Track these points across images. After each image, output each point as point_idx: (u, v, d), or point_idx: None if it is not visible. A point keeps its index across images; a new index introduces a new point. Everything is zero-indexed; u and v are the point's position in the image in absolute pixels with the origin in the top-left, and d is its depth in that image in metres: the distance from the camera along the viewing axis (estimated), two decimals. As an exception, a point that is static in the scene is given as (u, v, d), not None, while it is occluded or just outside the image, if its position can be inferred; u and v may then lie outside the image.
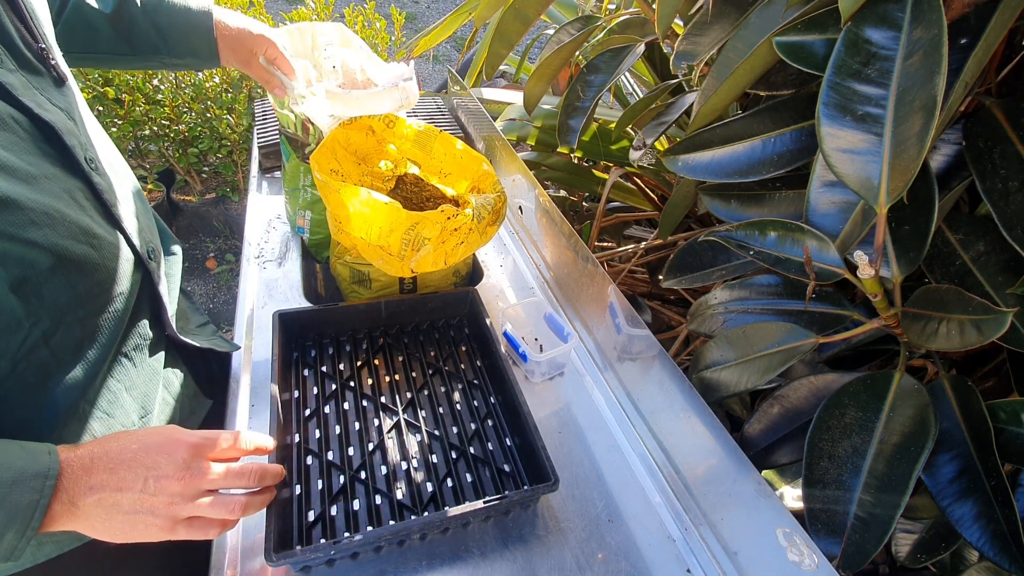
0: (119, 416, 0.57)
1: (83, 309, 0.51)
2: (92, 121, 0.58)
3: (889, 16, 0.53)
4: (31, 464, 0.42)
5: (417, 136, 0.85)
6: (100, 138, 0.58)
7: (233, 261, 2.35)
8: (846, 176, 0.53)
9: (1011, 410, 0.56)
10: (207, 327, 0.76)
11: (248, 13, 2.08)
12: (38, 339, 0.48)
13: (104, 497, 0.44)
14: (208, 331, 0.75)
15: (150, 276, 0.60)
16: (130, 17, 0.69)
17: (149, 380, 0.61)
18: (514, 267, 1.02)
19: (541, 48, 1.56)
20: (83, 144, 0.52)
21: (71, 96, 0.54)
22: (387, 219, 0.69)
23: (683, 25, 0.97)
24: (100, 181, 0.53)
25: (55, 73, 0.51)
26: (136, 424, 0.59)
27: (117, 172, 0.58)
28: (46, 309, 0.48)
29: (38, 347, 0.48)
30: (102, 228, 0.52)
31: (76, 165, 0.51)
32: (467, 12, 1.32)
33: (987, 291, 0.58)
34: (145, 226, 0.61)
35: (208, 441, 0.49)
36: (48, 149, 0.49)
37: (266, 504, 0.52)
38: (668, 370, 0.69)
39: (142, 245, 0.59)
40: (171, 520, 0.46)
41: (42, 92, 0.49)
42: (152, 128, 2.09)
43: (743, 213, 0.77)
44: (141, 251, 0.58)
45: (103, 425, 0.55)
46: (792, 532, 0.55)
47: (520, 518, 0.64)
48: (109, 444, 0.46)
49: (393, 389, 0.76)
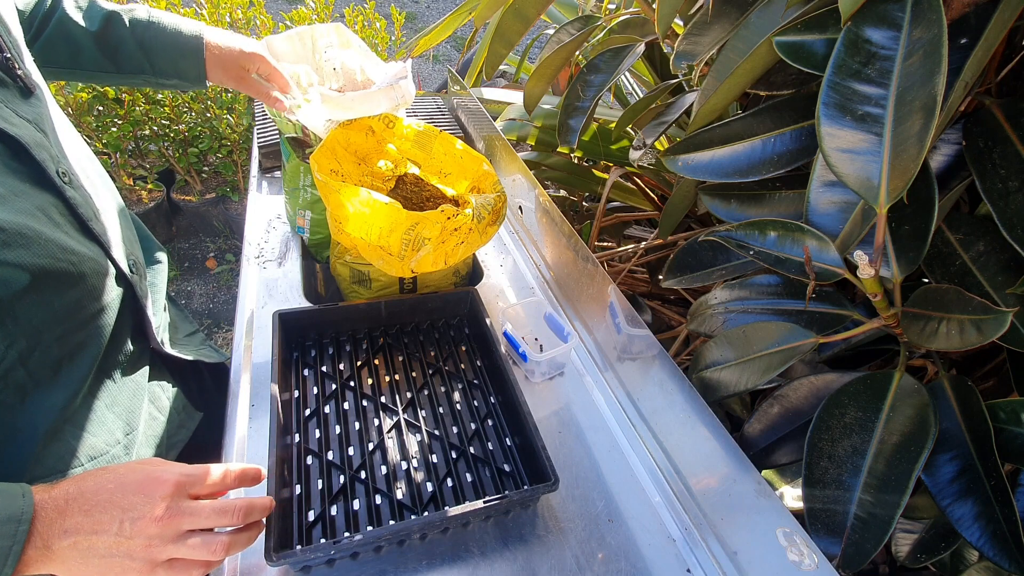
0: (101, 435, 0.55)
1: (61, 327, 0.50)
2: (67, 131, 0.56)
3: (889, 16, 0.53)
4: (4, 508, 0.40)
5: (417, 136, 0.86)
6: (75, 148, 0.57)
7: (233, 261, 2.35)
8: (846, 176, 0.53)
9: (1011, 410, 0.56)
10: (196, 336, 0.75)
11: (248, 13, 2.08)
12: (15, 360, 0.47)
13: (79, 540, 0.42)
14: (197, 340, 0.74)
15: (132, 290, 0.59)
16: (117, 37, 0.68)
17: (133, 396, 0.60)
18: (514, 267, 1.02)
19: (541, 48, 1.56)
20: (54, 157, 0.50)
21: (41, 107, 0.52)
22: (387, 219, 0.69)
23: (683, 25, 0.97)
24: (74, 195, 0.51)
25: (21, 84, 0.49)
26: (121, 442, 0.57)
27: (95, 184, 0.57)
28: (21, 329, 0.46)
29: (15, 368, 0.47)
30: (80, 244, 0.51)
31: (47, 180, 0.49)
32: (467, 12, 1.32)
33: (987, 291, 0.58)
34: (127, 238, 0.59)
35: (190, 477, 0.46)
36: (16, 165, 0.47)
37: (253, 541, 0.49)
38: (668, 370, 0.69)
39: (123, 259, 0.57)
40: (149, 563, 0.43)
41: (7, 105, 0.47)
42: (152, 128, 2.09)
43: (743, 213, 0.77)
44: (122, 265, 0.56)
45: (85, 445, 0.53)
46: (792, 532, 0.55)
47: (520, 518, 0.64)
48: (85, 483, 0.44)
49: (393, 389, 0.76)
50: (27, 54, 0.53)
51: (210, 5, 2.01)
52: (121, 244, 0.57)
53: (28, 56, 0.53)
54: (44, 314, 0.48)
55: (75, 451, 0.53)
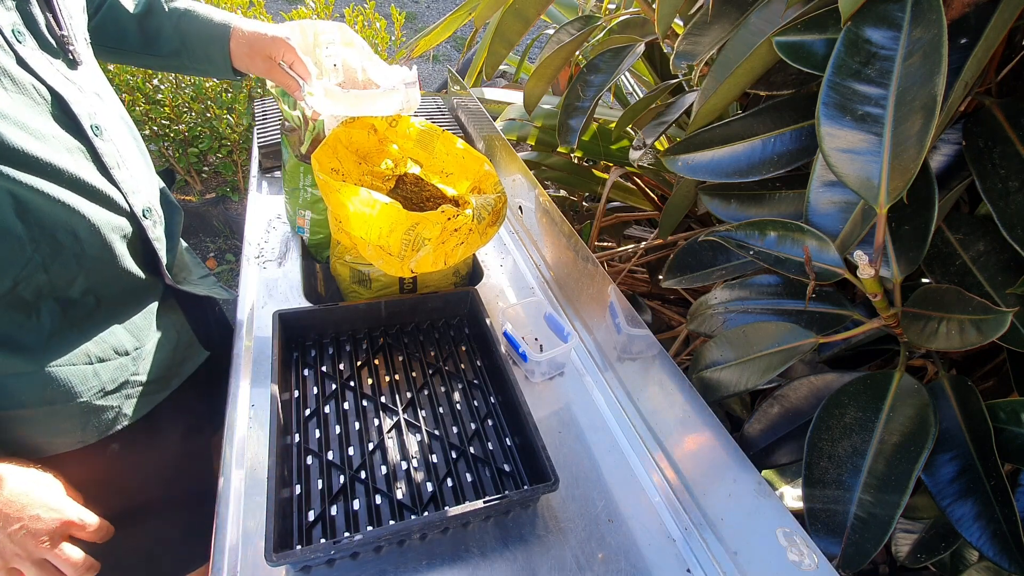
0: (110, 341, 0.65)
1: (79, 246, 0.59)
2: (110, 98, 0.67)
3: (889, 16, 0.53)
4: None
5: (419, 135, 0.86)
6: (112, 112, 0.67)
7: (233, 261, 2.35)
8: (846, 176, 0.53)
9: (1011, 410, 0.56)
10: (208, 279, 0.83)
11: (247, 13, 2.08)
12: (39, 264, 0.57)
13: None
14: (209, 282, 0.82)
15: (144, 231, 0.67)
16: (157, 21, 0.78)
17: (143, 317, 0.69)
18: (514, 267, 1.02)
19: (541, 48, 1.56)
20: (90, 114, 0.61)
21: (87, 76, 0.63)
22: (387, 219, 0.69)
23: (683, 25, 0.97)
24: (103, 146, 0.62)
25: (71, 56, 0.61)
26: (130, 353, 0.67)
27: (126, 141, 0.67)
28: (46, 238, 0.57)
29: (37, 271, 0.57)
30: (99, 183, 0.61)
31: (80, 130, 0.60)
32: (467, 12, 1.32)
33: (987, 291, 0.58)
34: (145, 189, 0.68)
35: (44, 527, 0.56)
36: (59, 114, 0.58)
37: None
38: (668, 370, 0.69)
39: (139, 204, 0.66)
40: None
41: (60, 71, 0.59)
42: (152, 128, 2.08)
43: (743, 213, 0.77)
44: (136, 208, 0.66)
45: (91, 346, 0.63)
46: (792, 532, 0.55)
47: (520, 518, 0.64)
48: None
49: (393, 389, 0.76)
50: (81, 36, 0.64)
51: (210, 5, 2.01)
52: (137, 192, 0.66)
53: (83, 37, 0.65)
54: (65, 232, 0.58)
55: (88, 352, 0.63)
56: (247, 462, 0.65)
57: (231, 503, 0.62)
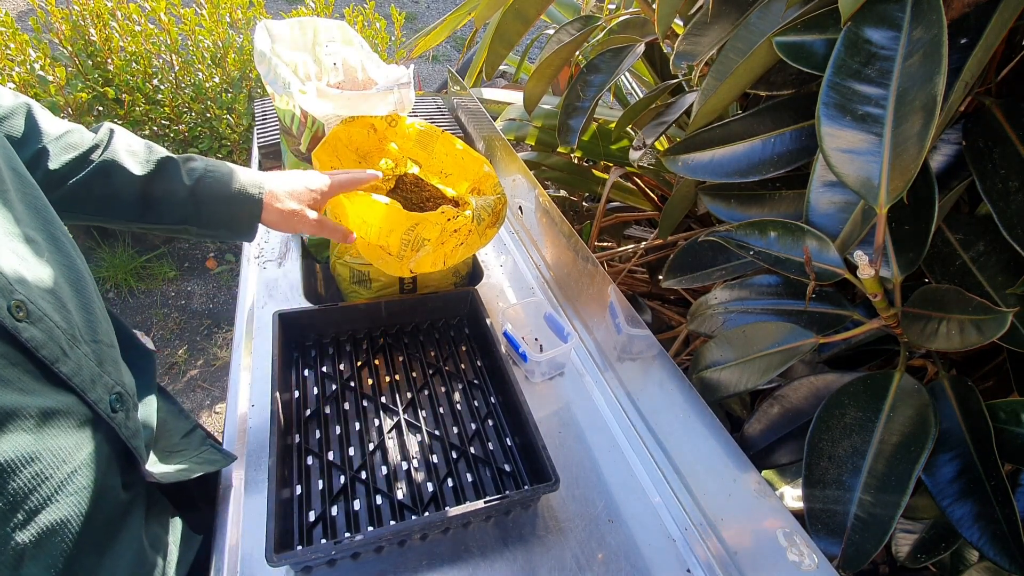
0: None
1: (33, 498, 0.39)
2: (28, 220, 0.44)
3: (889, 16, 0.53)
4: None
5: (419, 136, 0.86)
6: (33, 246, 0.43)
7: (233, 261, 2.35)
8: (846, 176, 0.53)
9: (1011, 410, 0.56)
10: (194, 435, 0.63)
11: (248, 14, 2.08)
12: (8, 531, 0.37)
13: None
14: (196, 440, 0.62)
15: (115, 432, 0.47)
16: (169, 187, 0.60)
17: (127, 548, 0.49)
18: (514, 267, 1.02)
19: (541, 48, 1.56)
20: (3, 287, 0.38)
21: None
22: (387, 219, 0.69)
23: (683, 25, 0.97)
24: (34, 334, 0.40)
25: None
26: None
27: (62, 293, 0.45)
28: None
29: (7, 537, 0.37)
30: (39, 397, 0.40)
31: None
32: (467, 12, 1.32)
33: (987, 291, 0.58)
34: (107, 362, 0.47)
35: None
36: None
37: None
38: (668, 370, 0.69)
39: (104, 395, 0.46)
40: None
41: None
42: (152, 128, 2.09)
43: (743, 213, 0.77)
44: (101, 407, 0.45)
45: None
46: (792, 532, 0.55)
47: (520, 518, 0.64)
48: None
49: (393, 389, 0.76)
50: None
51: (210, 5, 2.01)
52: (99, 376, 0.45)
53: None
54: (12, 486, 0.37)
55: None
56: (247, 463, 0.65)
57: (231, 503, 0.62)
